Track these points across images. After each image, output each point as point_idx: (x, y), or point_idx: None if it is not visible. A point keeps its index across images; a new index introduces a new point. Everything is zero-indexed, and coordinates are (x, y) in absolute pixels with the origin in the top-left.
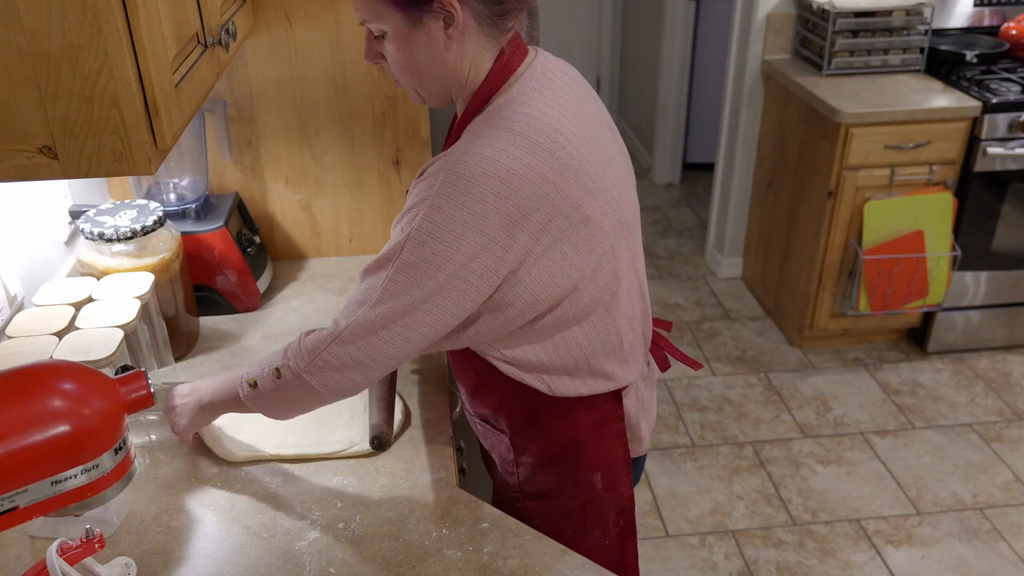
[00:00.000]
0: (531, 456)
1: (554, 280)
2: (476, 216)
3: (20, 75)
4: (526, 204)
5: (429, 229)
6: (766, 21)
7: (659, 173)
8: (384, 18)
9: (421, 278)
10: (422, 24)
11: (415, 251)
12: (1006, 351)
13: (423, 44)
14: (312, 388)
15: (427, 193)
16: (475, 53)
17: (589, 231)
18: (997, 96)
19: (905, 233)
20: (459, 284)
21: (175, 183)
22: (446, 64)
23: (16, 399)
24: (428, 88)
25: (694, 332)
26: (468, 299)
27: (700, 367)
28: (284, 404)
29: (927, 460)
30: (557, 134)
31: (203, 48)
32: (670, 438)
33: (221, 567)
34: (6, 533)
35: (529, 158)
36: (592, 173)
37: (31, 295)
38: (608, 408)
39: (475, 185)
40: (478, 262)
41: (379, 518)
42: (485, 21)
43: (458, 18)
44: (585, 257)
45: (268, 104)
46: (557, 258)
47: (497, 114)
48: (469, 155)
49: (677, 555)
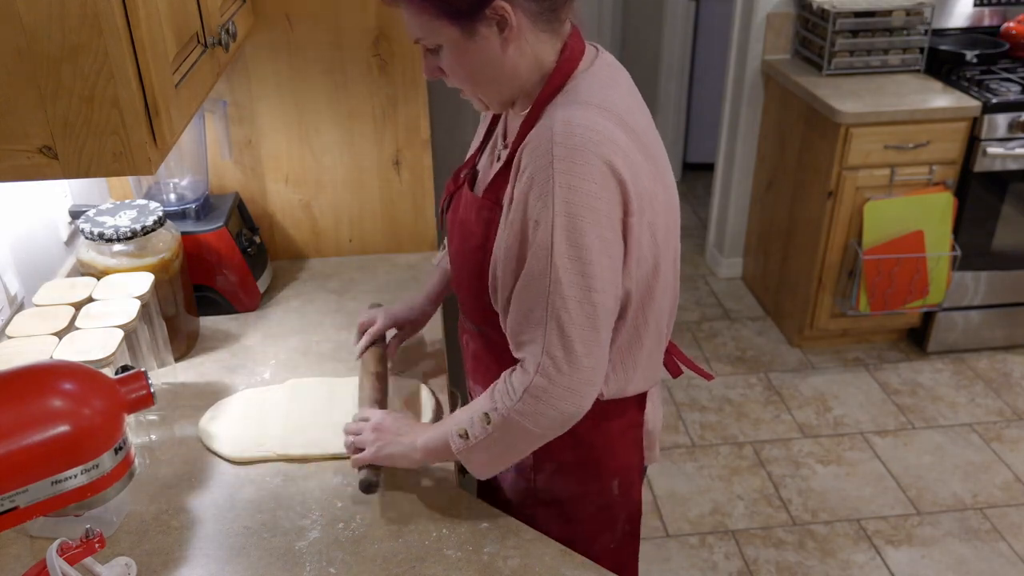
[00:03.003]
0: (554, 463)
1: (638, 264)
2: (600, 184)
3: (20, 75)
4: (627, 171)
5: (568, 211)
6: (766, 21)
7: None
8: (438, 33)
9: (584, 266)
10: (477, 33)
11: (564, 239)
12: (1006, 351)
13: (480, 52)
14: (527, 430)
15: (543, 176)
16: (535, 51)
17: (658, 217)
18: (997, 96)
19: (905, 233)
20: (615, 256)
21: (175, 183)
22: (505, 68)
23: (16, 399)
24: (490, 94)
25: (694, 332)
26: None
27: (712, 378)
28: (497, 452)
29: (927, 460)
30: (634, 118)
31: (203, 48)
32: (670, 438)
33: (221, 567)
34: (6, 533)
35: (620, 132)
36: (661, 164)
37: (31, 295)
38: (632, 415)
39: (586, 152)
40: (616, 231)
41: (379, 518)
42: (540, 19)
43: (511, 21)
44: (653, 243)
45: (268, 104)
46: (642, 239)
47: (577, 92)
48: (571, 126)
49: (677, 555)
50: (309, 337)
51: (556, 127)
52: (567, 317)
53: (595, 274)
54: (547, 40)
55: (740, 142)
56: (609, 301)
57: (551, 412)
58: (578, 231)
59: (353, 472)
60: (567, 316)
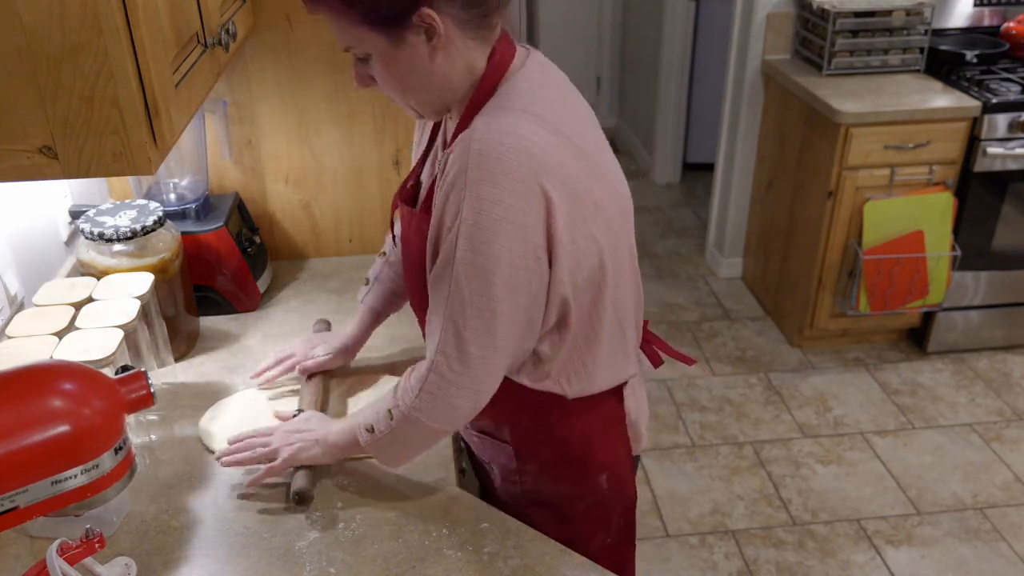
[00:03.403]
0: (536, 463)
1: (578, 266)
2: (514, 195)
3: (20, 75)
4: (552, 179)
5: (474, 219)
6: (766, 21)
7: (659, 173)
8: (366, 41)
9: (482, 274)
10: (404, 41)
11: (467, 247)
12: (1006, 351)
13: (408, 59)
14: (425, 425)
15: (460, 182)
16: (465, 58)
17: (600, 219)
18: (997, 96)
19: (905, 233)
20: (517, 269)
21: (175, 183)
22: (435, 75)
23: (16, 399)
24: (422, 102)
25: (694, 332)
26: (531, 284)
27: (694, 362)
28: (401, 446)
29: (927, 460)
30: (566, 117)
31: (203, 48)
32: (670, 438)
33: (221, 567)
34: (6, 533)
35: (548, 136)
36: (598, 160)
37: (31, 295)
38: (611, 408)
39: (504, 161)
40: (529, 244)
41: (379, 518)
42: (468, 26)
43: (439, 28)
44: (598, 244)
45: (268, 104)
46: (579, 242)
47: (505, 99)
48: (490, 133)
49: (677, 555)
50: None
51: (475, 134)
52: (463, 321)
53: (496, 283)
54: (477, 47)
55: (740, 142)
56: (514, 310)
57: (445, 408)
58: (482, 239)
59: (356, 470)
60: (463, 320)
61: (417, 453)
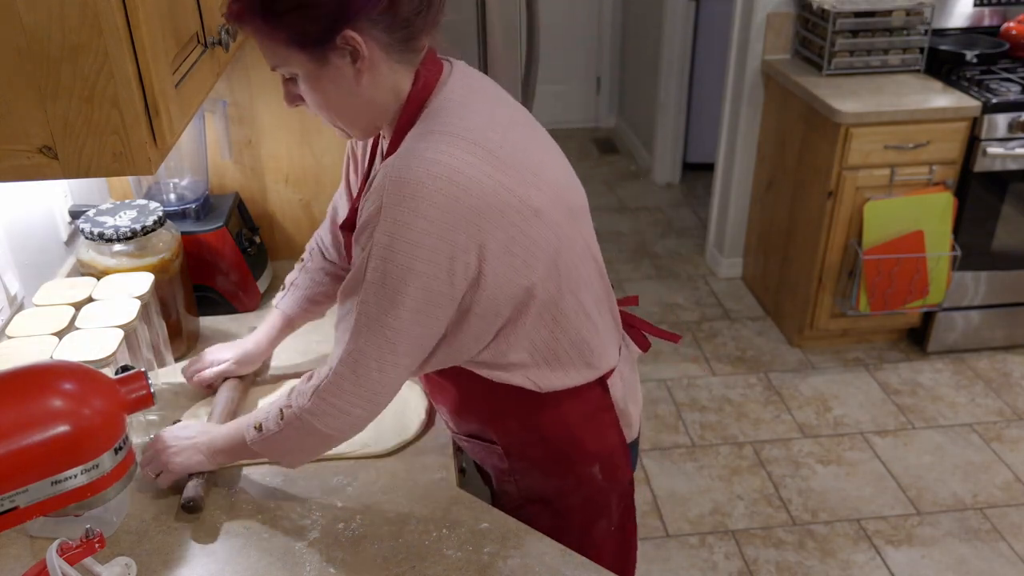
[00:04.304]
0: (527, 461)
1: (518, 275)
2: (430, 221)
3: (20, 75)
4: (477, 203)
5: (387, 243)
6: (766, 21)
7: (659, 173)
8: (290, 61)
9: (391, 295)
10: (329, 62)
11: (378, 268)
12: (1006, 351)
13: (333, 81)
14: (316, 429)
15: (377, 205)
16: (390, 80)
17: (541, 223)
18: (997, 96)
19: (905, 233)
20: (429, 293)
21: (175, 183)
22: (361, 97)
23: (16, 399)
24: (348, 123)
25: (694, 332)
26: (442, 307)
27: (679, 339)
28: (291, 448)
29: (927, 460)
30: (492, 132)
31: (203, 48)
32: (670, 438)
33: (221, 567)
34: (6, 533)
35: (472, 158)
36: (533, 167)
37: (31, 295)
38: (596, 397)
39: (424, 189)
40: (441, 267)
41: (379, 518)
42: (393, 48)
43: (363, 51)
44: (543, 248)
45: (268, 104)
46: (518, 252)
47: (429, 122)
48: (412, 161)
49: (677, 555)
50: (309, 337)
51: (396, 161)
52: (364, 338)
53: (405, 303)
54: (402, 70)
55: (740, 142)
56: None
57: (338, 415)
58: (392, 262)
59: (356, 470)
60: (364, 337)
61: (308, 457)
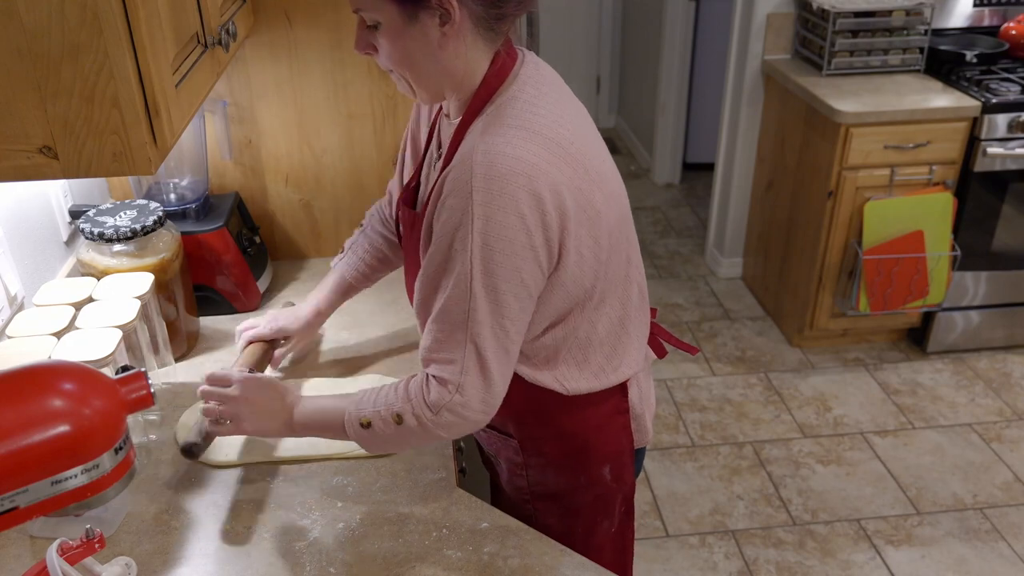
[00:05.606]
0: (542, 457)
1: (582, 274)
2: (518, 215)
3: (20, 75)
4: (553, 198)
5: (485, 242)
6: (766, 21)
7: (659, 173)
8: (380, 9)
9: (498, 295)
10: (418, 19)
11: (482, 269)
12: (1006, 351)
13: (417, 40)
14: (437, 435)
15: (466, 203)
16: (470, 54)
17: (600, 224)
18: (997, 96)
19: (905, 233)
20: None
21: (175, 183)
22: (439, 62)
23: (16, 399)
24: (419, 83)
25: (694, 332)
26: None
27: (696, 351)
28: (397, 444)
29: (927, 460)
30: (563, 129)
31: (203, 48)
32: (670, 438)
33: (221, 567)
34: (6, 533)
35: (545, 154)
36: (596, 168)
37: (31, 295)
38: (615, 401)
39: (509, 183)
40: (532, 261)
41: (379, 518)
42: (482, 23)
43: (455, 16)
44: (602, 249)
45: (268, 104)
46: (583, 251)
47: (502, 113)
48: (493, 154)
49: (677, 555)
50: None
51: (477, 157)
52: (483, 343)
53: (508, 303)
54: (484, 48)
55: (740, 142)
56: (520, 324)
57: (464, 424)
58: (494, 262)
59: (356, 470)
60: (483, 341)
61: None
